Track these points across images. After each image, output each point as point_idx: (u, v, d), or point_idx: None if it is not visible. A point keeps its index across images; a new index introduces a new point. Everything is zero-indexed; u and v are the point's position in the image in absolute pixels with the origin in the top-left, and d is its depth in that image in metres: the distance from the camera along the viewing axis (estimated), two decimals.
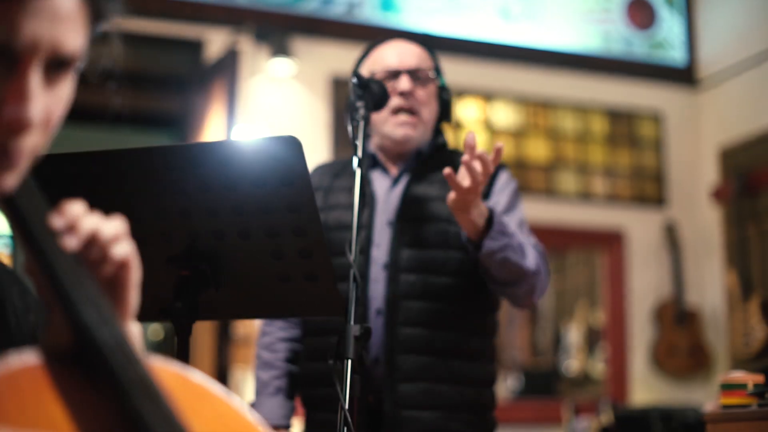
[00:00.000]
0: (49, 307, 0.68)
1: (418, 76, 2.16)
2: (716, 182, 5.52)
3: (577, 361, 7.27)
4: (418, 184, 2.15)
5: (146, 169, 1.59)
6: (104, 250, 0.71)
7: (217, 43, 4.87)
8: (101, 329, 0.65)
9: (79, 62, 0.73)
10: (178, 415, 0.65)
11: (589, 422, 4.55)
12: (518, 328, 7.96)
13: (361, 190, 1.83)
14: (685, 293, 5.43)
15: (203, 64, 4.89)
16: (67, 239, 0.69)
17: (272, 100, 4.92)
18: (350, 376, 1.65)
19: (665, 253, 5.51)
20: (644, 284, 5.48)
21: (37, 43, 0.68)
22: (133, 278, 0.73)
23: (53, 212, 0.70)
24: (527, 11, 5.47)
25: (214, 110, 4.71)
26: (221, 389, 0.75)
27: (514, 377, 6.81)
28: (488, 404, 2.14)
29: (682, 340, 5.37)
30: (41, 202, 0.69)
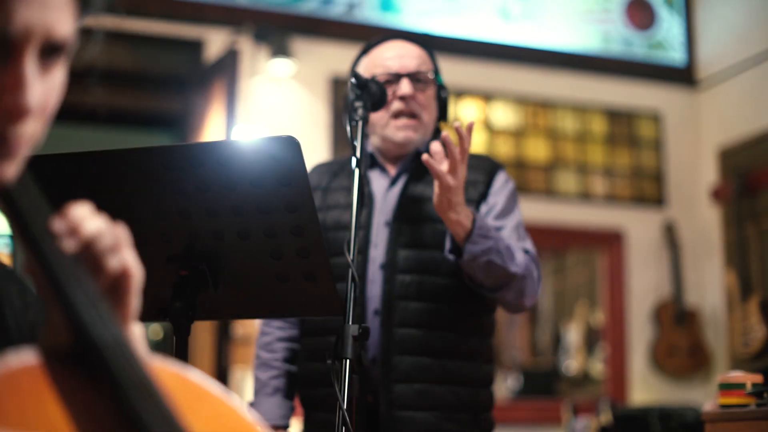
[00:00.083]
0: (48, 306, 0.68)
1: (418, 78, 2.15)
2: (715, 182, 5.52)
3: (576, 361, 7.28)
4: (416, 184, 2.15)
5: (145, 169, 1.60)
6: (105, 255, 0.71)
7: (216, 43, 4.87)
8: (100, 329, 0.65)
9: (70, 49, 0.73)
10: (176, 415, 0.65)
11: (588, 422, 4.55)
12: (518, 328, 7.96)
13: (359, 190, 1.83)
14: (684, 293, 5.43)
15: (203, 64, 4.90)
16: (66, 241, 0.69)
17: (272, 100, 4.92)
18: (349, 376, 1.65)
19: (665, 253, 5.51)
20: (644, 284, 5.48)
21: (30, 30, 0.69)
22: (133, 286, 0.72)
23: (56, 215, 0.70)
24: (527, 11, 5.48)
25: (213, 110, 4.71)
26: (220, 389, 0.75)
27: (513, 377, 6.81)
28: (485, 405, 2.14)
29: (681, 340, 5.38)
30: (41, 200, 0.70)
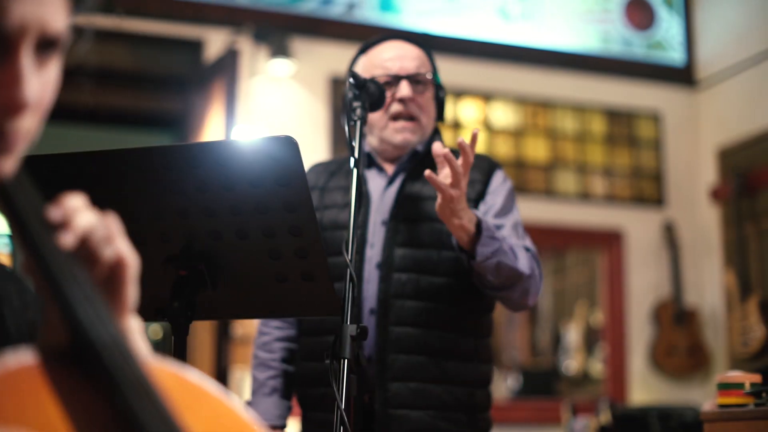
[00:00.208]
0: (46, 305, 0.68)
1: (417, 80, 2.15)
2: (715, 182, 5.52)
3: (576, 360, 7.28)
4: (413, 183, 2.14)
5: (144, 169, 1.60)
6: (99, 247, 0.71)
7: (216, 43, 4.87)
8: (98, 328, 0.65)
9: (64, 44, 0.74)
10: (174, 415, 0.65)
11: (587, 422, 4.55)
12: (518, 328, 7.96)
13: (357, 189, 1.83)
14: (683, 293, 5.44)
15: (203, 64, 4.90)
16: (62, 236, 0.69)
17: (272, 100, 4.93)
18: (347, 375, 1.65)
19: (664, 253, 5.51)
20: (643, 284, 5.48)
21: (25, 25, 0.69)
22: (129, 275, 0.72)
23: (51, 204, 0.70)
24: (526, 11, 5.48)
25: (213, 110, 4.72)
26: (218, 389, 0.75)
27: (513, 377, 6.81)
28: (482, 404, 2.13)
29: (680, 339, 5.38)
30: (37, 198, 0.70)
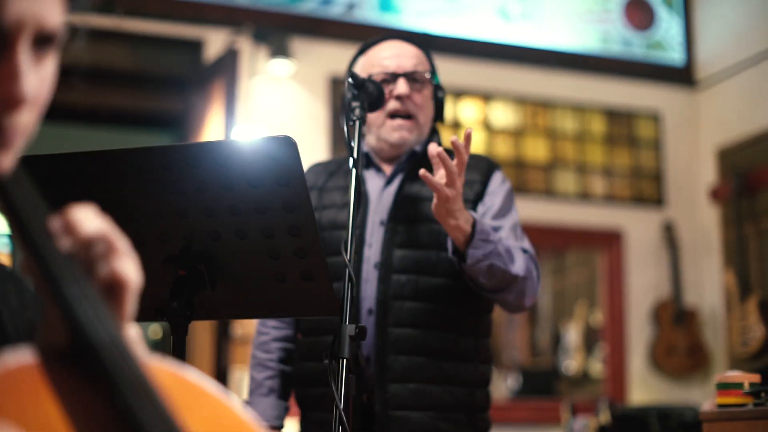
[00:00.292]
0: (45, 304, 0.68)
1: (415, 78, 2.15)
2: (714, 182, 5.53)
3: (575, 360, 7.28)
4: (411, 184, 2.14)
5: (143, 169, 1.60)
6: (99, 263, 0.70)
7: (216, 43, 4.88)
8: (97, 327, 0.65)
9: (60, 40, 0.74)
10: (173, 414, 0.65)
11: (587, 422, 4.55)
12: (517, 328, 7.96)
13: (356, 190, 1.83)
14: (683, 293, 5.44)
15: (203, 64, 4.90)
16: (63, 239, 0.69)
17: (271, 100, 4.93)
18: (345, 375, 1.65)
19: (664, 252, 5.51)
20: (643, 284, 5.48)
21: (22, 20, 0.70)
22: (128, 295, 0.72)
23: (55, 214, 0.70)
24: (526, 11, 5.48)
25: (213, 110, 4.72)
26: (217, 388, 0.75)
27: (513, 377, 6.81)
28: (481, 405, 2.13)
29: (680, 339, 5.38)
30: (37, 196, 0.70)
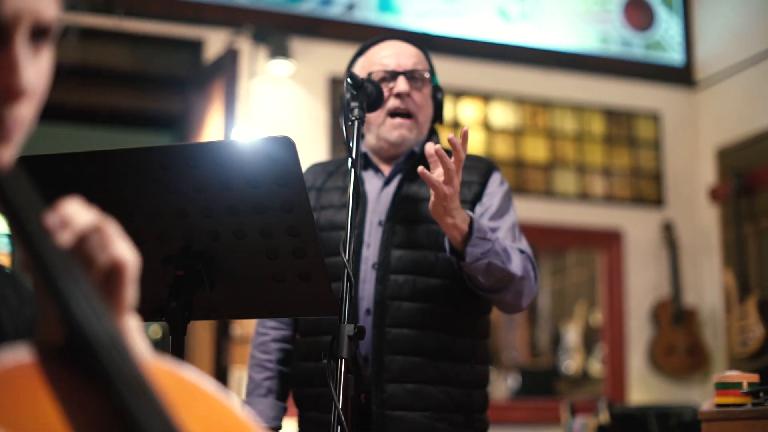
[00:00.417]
0: (42, 302, 0.68)
1: (414, 77, 2.16)
2: (714, 182, 5.53)
3: (575, 360, 7.28)
4: (409, 184, 2.14)
5: (143, 169, 1.60)
6: (97, 249, 0.71)
7: (216, 43, 4.88)
8: (94, 324, 0.65)
9: (55, 32, 0.74)
10: (170, 412, 0.65)
11: (586, 422, 4.55)
12: (517, 328, 7.96)
13: (354, 190, 1.83)
14: (682, 293, 5.44)
15: (203, 64, 4.90)
16: (60, 235, 0.69)
17: (271, 100, 4.93)
18: (344, 375, 1.66)
19: (663, 252, 5.51)
20: (642, 284, 5.49)
21: (19, 13, 0.71)
22: (128, 278, 0.72)
23: (48, 209, 0.71)
24: (526, 12, 5.48)
25: (213, 110, 4.72)
26: (215, 387, 0.76)
27: (512, 377, 6.82)
28: (479, 405, 2.12)
29: (679, 339, 5.38)
30: (33, 193, 0.70)
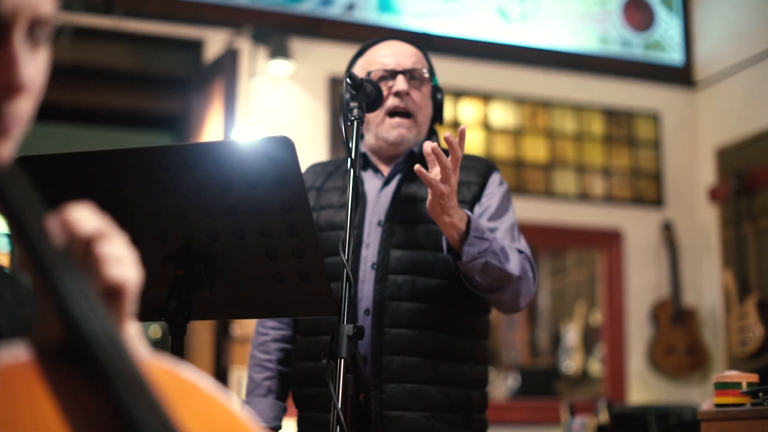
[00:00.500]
0: (40, 300, 0.68)
1: (414, 76, 2.16)
2: (713, 182, 5.53)
3: (575, 360, 7.28)
4: (409, 184, 2.14)
5: (142, 169, 1.61)
6: (100, 265, 0.70)
7: (216, 43, 4.88)
8: (91, 322, 0.64)
9: (52, 28, 0.75)
10: (168, 410, 0.65)
11: (585, 421, 4.55)
12: (517, 327, 7.96)
13: (353, 190, 1.83)
14: (682, 292, 5.44)
15: (203, 64, 4.91)
16: (59, 235, 0.69)
17: (271, 100, 4.94)
18: (343, 375, 1.66)
19: (663, 252, 5.52)
20: (642, 284, 5.49)
21: (18, 9, 0.71)
22: (130, 297, 0.72)
23: (53, 212, 0.70)
24: (525, 12, 5.48)
25: (213, 110, 4.72)
26: (212, 385, 0.76)
27: (512, 377, 6.82)
28: (478, 406, 2.12)
29: (679, 339, 5.38)
30: (32, 190, 0.70)
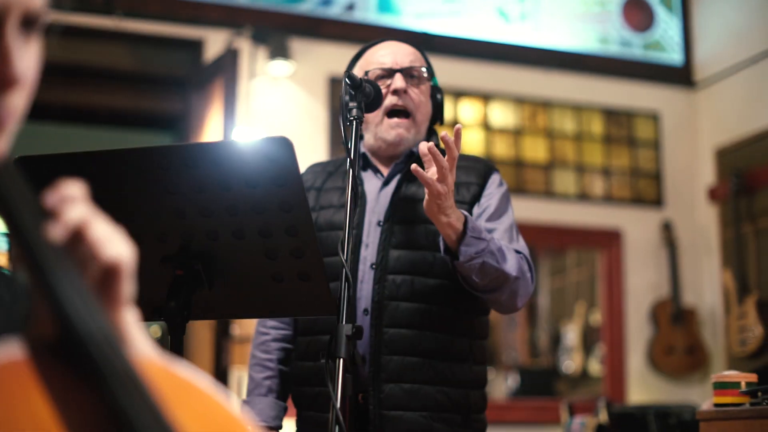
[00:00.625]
0: (34, 297, 0.68)
1: (412, 74, 2.16)
2: (713, 182, 5.53)
3: (575, 360, 7.29)
4: (408, 185, 2.15)
5: (142, 169, 1.61)
6: (92, 247, 0.70)
7: (216, 43, 4.89)
8: (85, 319, 0.64)
9: (43, 22, 0.75)
10: (163, 408, 0.65)
11: (584, 421, 4.56)
12: (517, 327, 7.97)
13: (353, 190, 1.83)
14: (681, 292, 5.44)
15: (203, 64, 4.91)
16: (52, 227, 0.69)
17: (271, 100, 4.94)
18: (342, 375, 1.66)
19: (662, 252, 5.52)
20: (641, 284, 5.49)
21: (9, 3, 0.72)
22: (124, 276, 0.72)
23: (48, 190, 0.70)
24: (525, 12, 5.49)
25: (213, 110, 4.73)
26: (208, 384, 0.76)
27: (512, 377, 6.82)
28: (476, 406, 2.12)
29: (678, 339, 5.38)
30: (26, 187, 0.70)
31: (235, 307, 1.80)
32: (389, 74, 2.14)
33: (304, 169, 2.16)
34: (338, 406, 1.62)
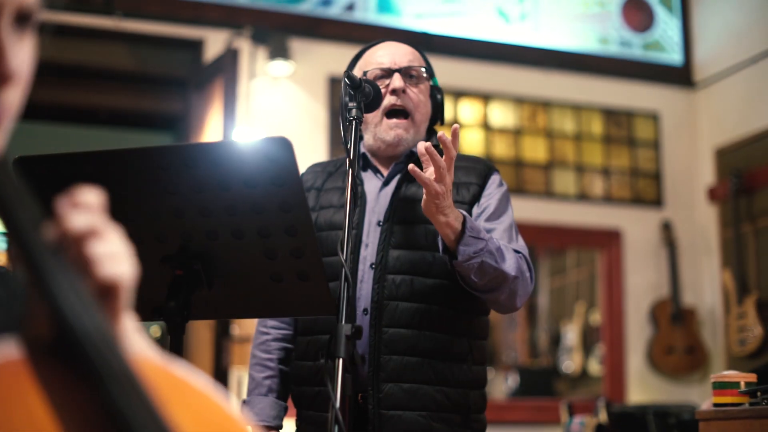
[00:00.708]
0: (30, 295, 0.68)
1: (410, 74, 2.16)
2: (712, 182, 5.53)
3: (574, 360, 7.28)
4: (408, 185, 2.14)
5: (141, 169, 1.61)
6: (94, 263, 0.70)
7: (216, 44, 4.89)
8: (82, 319, 0.64)
9: (36, 18, 0.75)
10: (159, 408, 0.65)
11: (583, 421, 4.56)
12: (517, 327, 7.97)
13: (352, 190, 1.83)
14: (681, 292, 5.45)
15: (202, 64, 4.91)
16: (52, 229, 0.68)
17: (271, 100, 4.94)
18: (341, 375, 1.66)
19: (662, 252, 5.52)
20: (641, 284, 5.49)
21: (3, 0, 0.72)
22: (124, 294, 0.71)
23: (63, 196, 0.70)
24: (525, 12, 5.49)
25: (213, 111, 4.73)
26: (205, 383, 0.76)
27: (512, 377, 6.82)
28: (476, 406, 2.12)
29: (678, 339, 5.38)
30: (22, 184, 0.69)
31: (234, 307, 1.80)
32: (388, 74, 2.15)
33: (303, 169, 2.16)
34: (338, 405, 1.62)
